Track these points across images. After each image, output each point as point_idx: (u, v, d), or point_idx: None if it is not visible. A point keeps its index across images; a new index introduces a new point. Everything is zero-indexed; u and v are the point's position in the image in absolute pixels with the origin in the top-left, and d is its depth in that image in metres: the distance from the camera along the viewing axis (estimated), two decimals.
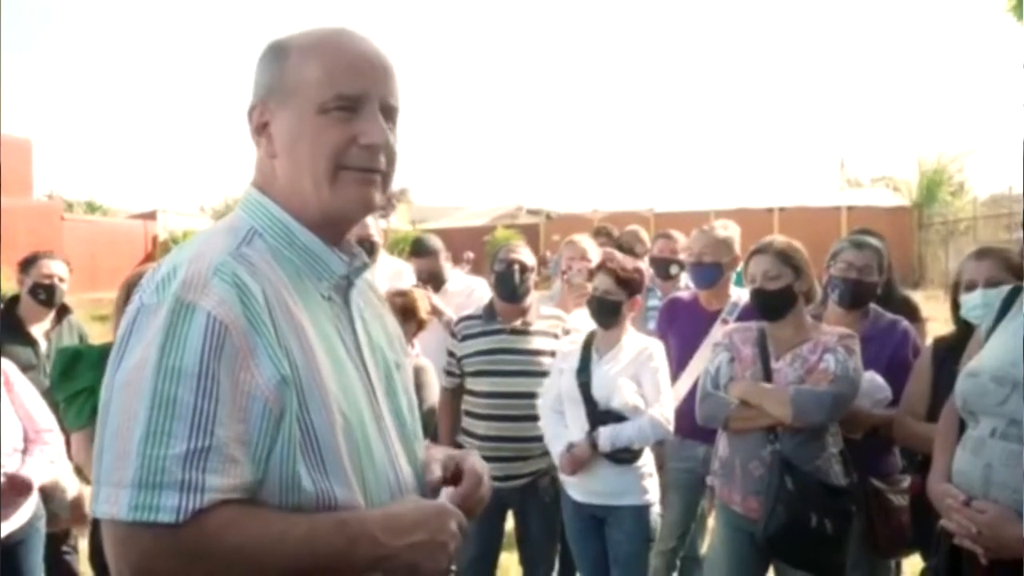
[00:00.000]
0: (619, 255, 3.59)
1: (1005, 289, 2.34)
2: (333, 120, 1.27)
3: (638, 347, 3.31)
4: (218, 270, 1.18)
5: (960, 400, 2.21)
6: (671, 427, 3.20)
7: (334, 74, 1.27)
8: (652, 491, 3.30)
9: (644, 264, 4.12)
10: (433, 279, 4.50)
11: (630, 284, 3.30)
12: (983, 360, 2.19)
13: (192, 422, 1.10)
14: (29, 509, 3.08)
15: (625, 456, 3.21)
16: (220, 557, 1.11)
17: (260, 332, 1.17)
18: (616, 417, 3.20)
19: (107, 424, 1.14)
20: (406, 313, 3.69)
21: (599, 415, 3.22)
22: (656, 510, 3.32)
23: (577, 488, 3.31)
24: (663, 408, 3.18)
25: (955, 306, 2.89)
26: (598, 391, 3.23)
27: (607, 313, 3.29)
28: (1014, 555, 2.00)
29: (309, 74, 1.27)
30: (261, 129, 1.32)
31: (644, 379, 3.24)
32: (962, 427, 2.25)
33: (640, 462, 3.26)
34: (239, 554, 1.11)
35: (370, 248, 4.82)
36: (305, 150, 1.28)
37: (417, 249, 4.73)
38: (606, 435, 3.17)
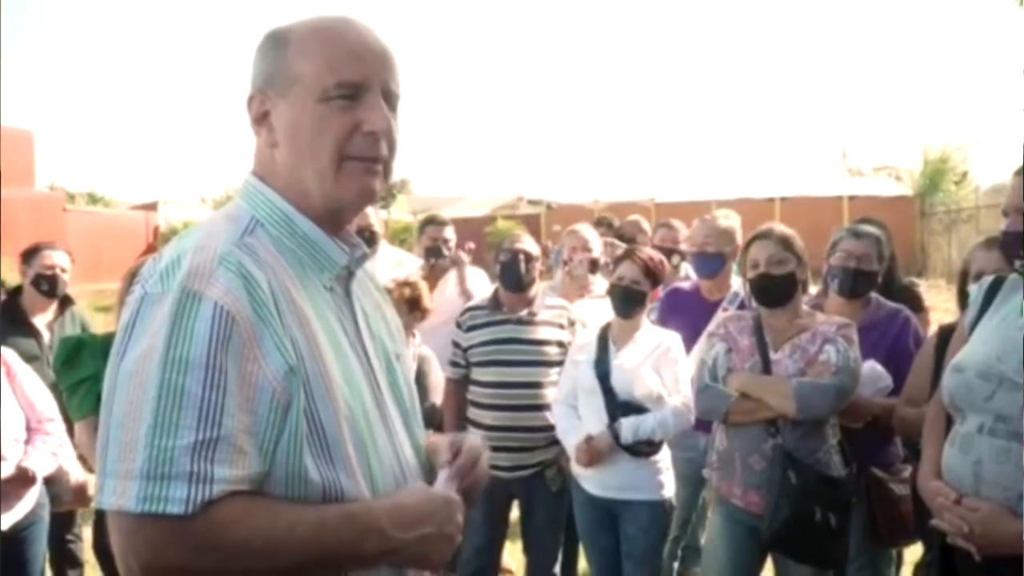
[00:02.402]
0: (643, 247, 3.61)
1: (987, 281, 2.30)
2: (335, 109, 1.26)
3: (656, 339, 3.31)
4: (223, 260, 1.17)
5: (947, 396, 2.18)
6: (693, 418, 3.20)
7: (335, 62, 1.26)
8: (668, 486, 3.29)
9: None
10: (436, 250, 4.57)
11: (655, 275, 3.31)
12: (967, 355, 2.15)
13: (200, 413, 1.09)
14: (32, 498, 3.10)
15: (645, 449, 3.20)
16: (228, 549, 1.10)
17: (266, 322, 1.16)
18: (635, 409, 3.19)
19: (112, 415, 1.14)
20: (412, 304, 3.73)
21: (618, 406, 3.21)
22: (672, 505, 3.31)
23: (592, 481, 3.28)
24: (685, 399, 3.17)
25: (962, 295, 2.88)
26: (617, 382, 3.22)
27: (632, 303, 3.29)
28: (1008, 552, 1.97)
29: (310, 62, 1.26)
30: (261, 118, 1.31)
31: (664, 372, 3.23)
32: (950, 422, 2.22)
33: (657, 456, 3.25)
34: (247, 546, 1.11)
35: (370, 238, 4.85)
36: (307, 139, 1.27)
37: (430, 219, 4.84)
38: (628, 426, 3.15)
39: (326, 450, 1.21)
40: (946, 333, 2.86)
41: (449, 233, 4.63)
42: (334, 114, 1.26)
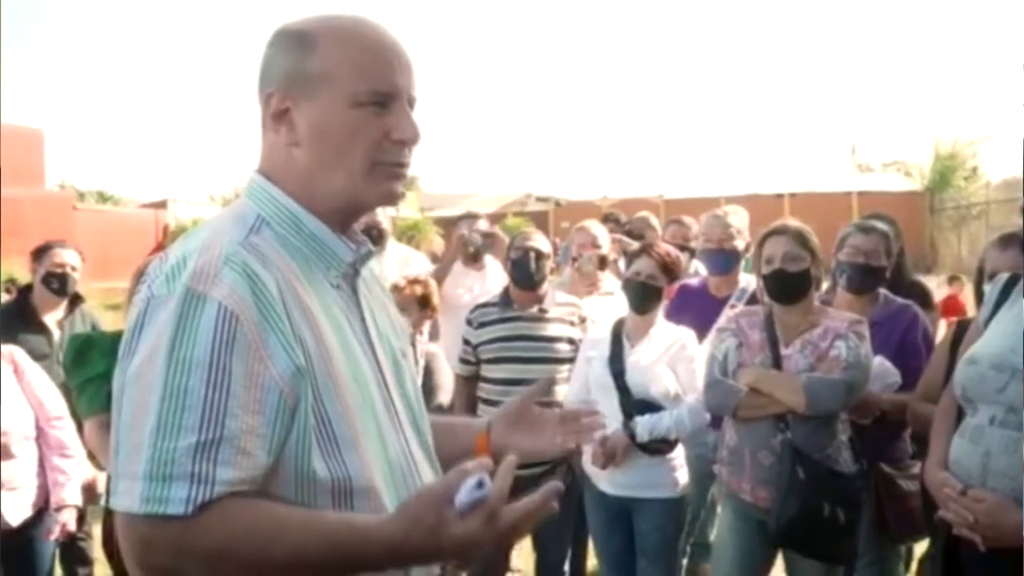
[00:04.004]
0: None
1: (1003, 277, 2.33)
2: (367, 115, 1.27)
3: (671, 336, 3.29)
4: (228, 260, 1.17)
5: (959, 388, 2.21)
6: (709, 416, 3.18)
7: (367, 68, 1.27)
8: (683, 483, 3.27)
9: None
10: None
11: (671, 271, 3.30)
12: (982, 348, 2.19)
13: (203, 414, 1.10)
14: (80, 504, 3.14)
15: (661, 447, 3.18)
16: (222, 551, 1.11)
17: (272, 323, 1.16)
18: (650, 407, 3.17)
19: (121, 416, 1.15)
20: (422, 301, 3.75)
21: (633, 404, 3.19)
22: (687, 501, 3.30)
23: (605, 479, 3.26)
24: (701, 397, 3.15)
25: (979, 292, 2.90)
26: (633, 380, 3.20)
27: (649, 298, 3.27)
28: (1012, 543, 2.00)
29: (341, 66, 1.27)
30: (280, 116, 1.30)
31: (680, 369, 3.22)
32: (960, 416, 2.25)
33: (672, 453, 3.24)
34: (238, 551, 1.11)
35: (378, 235, 4.88)
36: (337, 143, 1.27)
37: (464, 215, 5.01)
38: (644, 425, 3.13)
39: (336, 448, 1.21)
40: (962, 329, 2.87)
41: (482, 226, 4.73)
42: (366, 120, 1.27)
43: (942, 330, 3.99)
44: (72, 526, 3.13)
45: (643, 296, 3.27)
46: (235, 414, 1.11)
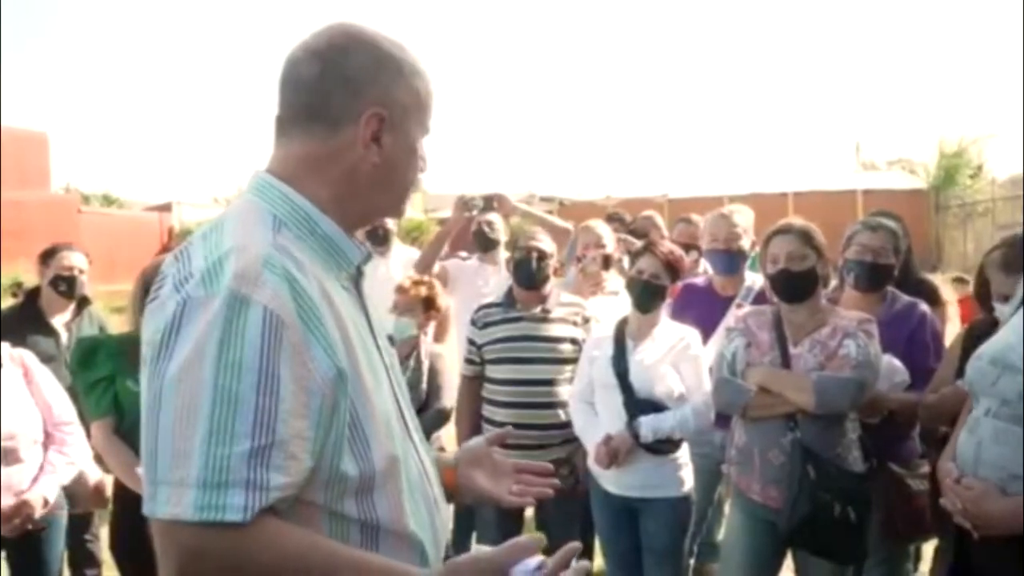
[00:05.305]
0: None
1: None
2: (421, 144, 1.38)
3: (675, 336, 3.28)
4: (267, 263, 1.15)
5: (967, 382, 2.32)
6: (713, 416, 3.18)
7: (431, 103, 1.38)
8: (688, 482, 3.27)
9: None
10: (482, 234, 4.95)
11: (675, 269, 3.29)
12: (990, 343, 2.30)
13: (255, 419, 1.08)
14: (51, 499, 3.12)
15: (665, 447, 3.18)
16: (281, 564, 1.11)
17: (312, 326, 1.16)
18: (653, 406, 3.17)
19: (160, 421, 1.11)
20: (427, 303, 3.75)
21: (637, 404, 3.18)
22: (692, 500, 3.30)
23: (610, 479, 3.25)
24: (705, 397, 3.15)
25: (978, 296, 2.95)
26: (636, 379, 3.19)
27: (652, 297, 3.26)
28: (999, 531, 2.10)
29: (422, 99, 1.36)
30: (375, 135, 1.30)
31: (684, 368, 3.21)
32: None
33: (676, 453, 3.24)
34: (293, 564, 1.12)
35: (384, 236, 4.90)
36: (405, 168, 1.36)
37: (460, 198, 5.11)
38: (648, 425, 3.12)
39: (366, 446, 1.22)
40: (974, 329, 2.88)
41: (479, 203, 4.79)
42: (420, 150, 1.38)
43: (949, 328, 3.99)
44: (37, 512, 2.99)
45: (646, 295, 3.26)
46: (284, 419, 1.11)
